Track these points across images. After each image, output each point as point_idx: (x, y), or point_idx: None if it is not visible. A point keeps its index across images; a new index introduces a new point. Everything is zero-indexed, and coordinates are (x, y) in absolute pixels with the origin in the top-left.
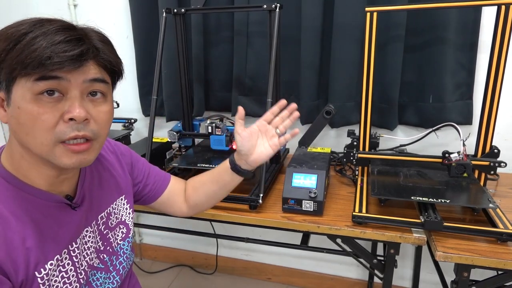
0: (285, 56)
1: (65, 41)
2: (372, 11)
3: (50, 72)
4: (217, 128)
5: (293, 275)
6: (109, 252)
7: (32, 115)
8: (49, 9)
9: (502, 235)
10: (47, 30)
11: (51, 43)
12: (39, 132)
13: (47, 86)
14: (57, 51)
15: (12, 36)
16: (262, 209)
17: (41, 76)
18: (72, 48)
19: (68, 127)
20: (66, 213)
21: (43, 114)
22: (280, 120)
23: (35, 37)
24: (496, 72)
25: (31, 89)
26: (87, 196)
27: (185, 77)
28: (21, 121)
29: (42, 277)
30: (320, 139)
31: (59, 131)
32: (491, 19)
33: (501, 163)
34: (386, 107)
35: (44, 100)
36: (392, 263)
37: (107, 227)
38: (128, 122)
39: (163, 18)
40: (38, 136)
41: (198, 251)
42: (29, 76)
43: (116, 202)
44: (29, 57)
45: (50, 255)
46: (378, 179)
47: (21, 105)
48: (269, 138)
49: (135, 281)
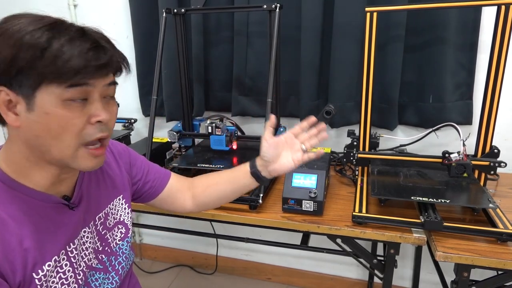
0: (285, 56)
1: (93, 49)
2: (372, 11)
3: (81, 80)
4: (217, 128)
5: (293, 275)
6: (108, 253)
7: (63, 120)
8: (49, 9)
9: (502, 235)
10: (69, 36)
11: (80, 52)
12: (69, 135)
13: (77, 93)
14: (89, 60)
15: (34, 42)
16: (262, 209)
17: (72, 84)
18: (100, 57)
19: (93, 129)
20: (63, 214)
21: (73, 119)
22: (308, 137)
23: (62, 44)
24: (496, 72)
25: (61, 95)
26: (84, 197)
27: (185, 77)
28: (50, 126)
29: (39, 278)
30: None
31: (86, 134)
32: (491, 19)
33: (501, 163)
34: (386, 107)
35: (73, 105)
36: (392, 263)
37: (105, 227)
38: (128, 122)
39: (163, 18)
40: (66, 139)
41: (198, 251)
42: (61, 83)
43: (114, 202)
44: (65, 67)
45: (48, 256)
46: (378, 179)
47: (50, 110)
48: (294, 152)
49: (135, 281)
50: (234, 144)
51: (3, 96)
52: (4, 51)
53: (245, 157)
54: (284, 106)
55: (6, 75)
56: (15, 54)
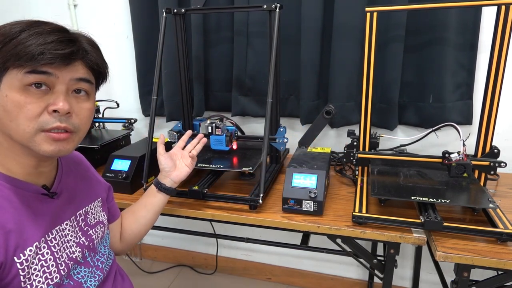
0: (285, 56)
1: (58, 41)
2: (372, 11)
3: (41, 67)
4: (217, 128)
5: (293, 275)
6: (91, 248)
7: (19, 103)
8: (49, 9)
9: (502, 235)
10: (42, 30)
11: (44, 42)
12: (23, 120)
13: (36, 79)
14: (49, 49)
15: (8, 33)
16: (262, 209)
17: (32, 70)
18: (63, 47)
19: (51, 118)
20: (43, 203)
21: (29, 104)
22: (191, 146)
23: (30, 35)
24: (496, 72)
25: (21, 80)
26: (64, 190)
27: (185, 77)
28: (7, 108)
29: (21, 262)
30: (320, 139)
31: (42, 121)
32: (491, 19)
33: (501, 163)
34: (386, 107)
35: (31, 91)
36: (392, 263)
37: (86, 224)
38: (128, 122)
39: (163, 18)
40: (21, 123)
41: (198, 251)
42: (21, 68)
43: (94, 203)
44: (23, 51)
45: (29, 241)
46: (378, 179)
47: (9, 93)
48: (184, 159)
49: (128, 284)
50: (234, 144)
51: None
52: None
53: (245, 157)
54: (284, 106)
55: None
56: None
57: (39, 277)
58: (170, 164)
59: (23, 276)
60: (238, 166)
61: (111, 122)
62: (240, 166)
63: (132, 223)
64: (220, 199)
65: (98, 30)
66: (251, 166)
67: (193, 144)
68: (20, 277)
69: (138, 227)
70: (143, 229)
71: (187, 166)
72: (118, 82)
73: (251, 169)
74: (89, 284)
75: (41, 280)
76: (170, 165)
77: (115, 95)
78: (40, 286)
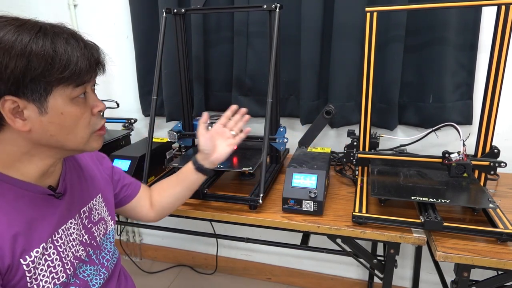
0: (285, 56)
1: (84, 46)
2: (372, 11)
3: (85, 77)
4: None
5: (293, 275)
6: (94, 246)
7: (77, 116)
8: (49, 9)
9: (502, 235)
10: (63, 38)
11: (81, 52)
12: (81, 129)
13: (82, 90)
14: (89, 57)
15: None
16: (262, 209)
17: (79, 83)
18: (94, 53)
19: (97, 118)
20: (50, 203)
21: (83, 113)
22: (233, 123)
23: (64, 49)
24: (496, 72)
25: (70, 95)
26: (68, 189)
27: (185, 77)
28: (65, 124)
29: (27, 264)
30: (320, 139)
31: (93, 123)
32: (491, 19)
33: (501, 163)
34: (386, 107)
35: (80, 101)
36: (392, 263)
37: (90, 221)
38: (128, 122)
39: (163, 18)
40: (79, 132)
41: (198, 251)
42: (67, 83)
43: (96, 199)
44: (76, 70)
45: (35, 243)
46: (378, 179)
47: (64, 110)
48: (226, 139)
49: (131, 284)
50: None
51: (9, 105)
52: (12, 63)
53: (245, 157)
54: (284, 106)
55: (16, 85)
56: (27, 65)
57: (46, 277)
58: (210, 146)
59: (30, 277)
60: (238, 166)
61: (111, 122)
62: (240, 166)
63: (167, 197)
64: (220, 199)
65: (98, 30)
66: (251, 166)
67: (235, 120)
68: (26, 278)
69: (173, 201)
70: (177, 203)
71: (228, 147)
72: (118, 82)
73: (251, 169)
74: (95, 283)
75: (47, 280)
76: (210, 147)
77: (115, 95)
78: (46, 286)
